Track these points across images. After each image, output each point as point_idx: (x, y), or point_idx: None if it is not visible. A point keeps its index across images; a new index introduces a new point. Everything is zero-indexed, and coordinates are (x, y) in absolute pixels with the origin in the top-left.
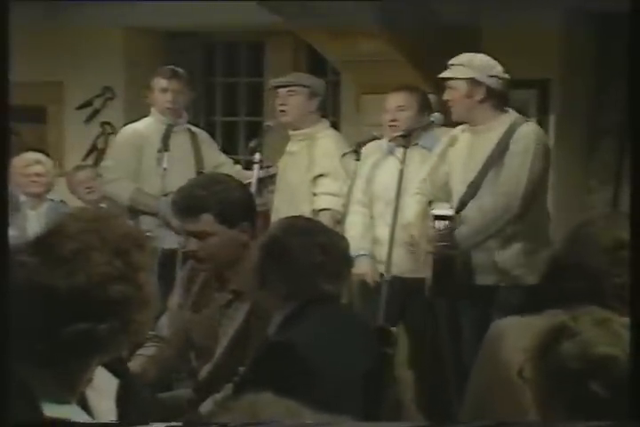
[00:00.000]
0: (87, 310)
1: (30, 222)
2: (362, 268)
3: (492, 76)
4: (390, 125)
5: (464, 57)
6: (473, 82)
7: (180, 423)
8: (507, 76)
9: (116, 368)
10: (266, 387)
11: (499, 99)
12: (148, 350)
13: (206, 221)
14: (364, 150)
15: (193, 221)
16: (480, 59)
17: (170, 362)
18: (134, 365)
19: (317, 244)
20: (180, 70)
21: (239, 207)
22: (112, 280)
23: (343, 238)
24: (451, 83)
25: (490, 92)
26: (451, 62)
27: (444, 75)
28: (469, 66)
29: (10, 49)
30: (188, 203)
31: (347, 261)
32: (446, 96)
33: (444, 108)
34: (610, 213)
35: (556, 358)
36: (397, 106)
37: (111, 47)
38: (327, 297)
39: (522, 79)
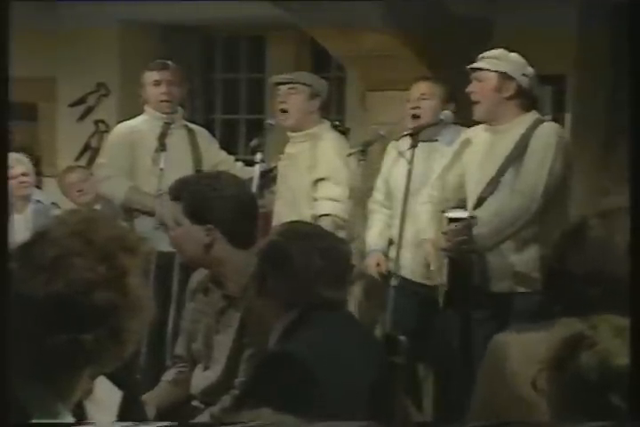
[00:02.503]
0: (70, 319)
1: (17, 226)
2: (370, 260)
3: (524, 75)
4: (412, 114)
5: (497, 51)
6: (504, 76)
7: (175, 423)
8: (536, 79)
9: (121, 380)
10: (268, 399)
11: (525, 99)
12: (171, 374)
13: (177, 209)
14: (389, 148)
15: (171, 205)
16: (514, 55)
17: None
18: (155, 392)
19: (318, 249)
20: (171, 63)
21: (210, 207)
22: (96, 287)
23: (345, 243)
24: (480, 75)
25: (519, 90)
26: (482, 55)
27: (476, 65)
28: (503, 60)
29: (10, 48)
30: (173, 186)
31: (349, 266)
32: (472, 88)
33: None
34: (611, 210)
35: (573, 370)
36: (421, 93)
37: (106, 42)
38: (330, 304)
39: (536, 75)
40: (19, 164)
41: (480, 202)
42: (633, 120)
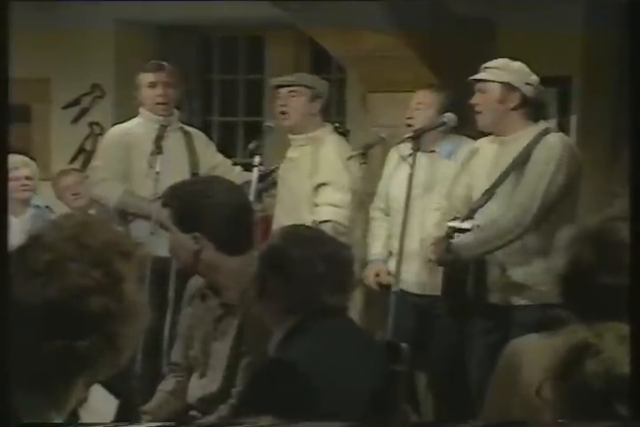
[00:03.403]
0: (64, 326)
1: (14, 230)
2: (369, 270)
3: (528, 84)
4: (407, 124)
5: (500, 61)
6: (508, 87)
7: (173, 423)
8: (542, 87)
9: (116, 388)
10: (266, 406)
11: (531, 109)
12: (169, 384)
13: (165, 216)
14: (391, 153)
15: (162, 211)
16: (517, 64)
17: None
18: (154, 403)
19: (320, 254)
20: (166, 64)
21: (196, 214)
22: (91, 292)
23: (347, 248)
24: (482, 86)
25: (524, 99)
26: (485, 65)
27: (478, 77)
28: (505, 70)
29: (10, 49)
30: (165, 192)
31: (351, 272)
32: (475, 100)
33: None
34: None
35: (578, 378)
36: (417, 103)
37: (100, 42)
38: (331, 311)
39: (541, 77)
40: (25, 166)
41: (471, 213)
42: (633, 121)
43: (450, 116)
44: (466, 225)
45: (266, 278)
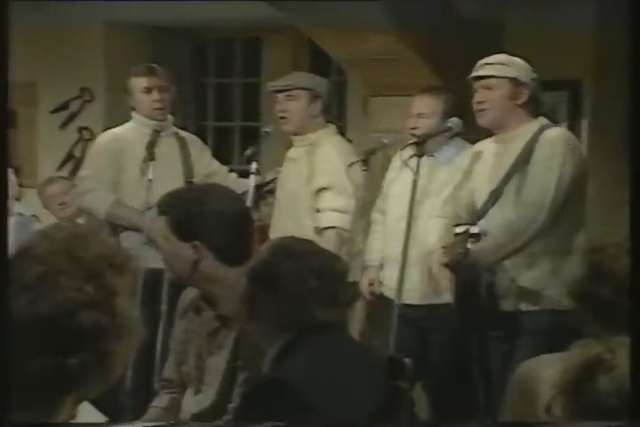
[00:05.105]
0: (54, 342)
1: None
2: (364, 278)
3: (532, 80)
4: (410, 133)
5: (501, 56)
6: (516, 82)
7: (166, 423)
8: (541, 83)
9: (105, 406)
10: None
11: (535, 105)
12: (162, 400)
13: (162, 224)
14: (394, 159)
15: (159, 219)
16: (519, 60)
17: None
18: (147, 418)
19: (311, 267)
20: (157, 66)
21: (195, 222)
22: (83, 307)
23: (339, 260)
24: (488, 82)
25: (531, 96)
26: (485, 61)
27: (482, 73)
28: (511, 65)
29: (9, 50)
30: (161, 199)
31: (345, 284)
32: (480, 97)
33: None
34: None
35: (590, 395)
36: (418, 113)
37: (90, 44)
38: (325, 326)
39: (550, 80)
40: None
41: (479, 217)
42: (633, 121)
43: (455, 122)
44: (474, 230)
45: (254, 295)
